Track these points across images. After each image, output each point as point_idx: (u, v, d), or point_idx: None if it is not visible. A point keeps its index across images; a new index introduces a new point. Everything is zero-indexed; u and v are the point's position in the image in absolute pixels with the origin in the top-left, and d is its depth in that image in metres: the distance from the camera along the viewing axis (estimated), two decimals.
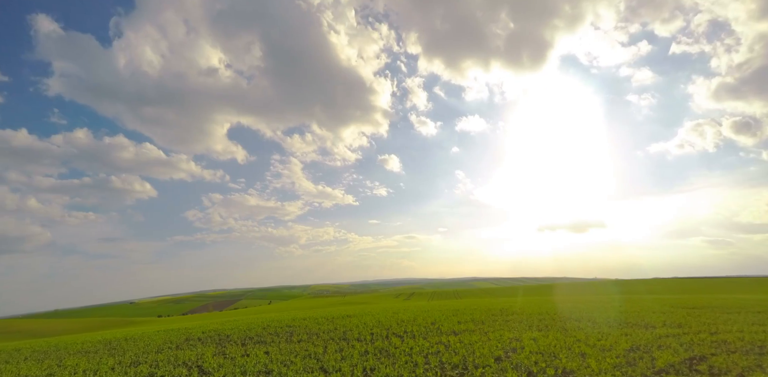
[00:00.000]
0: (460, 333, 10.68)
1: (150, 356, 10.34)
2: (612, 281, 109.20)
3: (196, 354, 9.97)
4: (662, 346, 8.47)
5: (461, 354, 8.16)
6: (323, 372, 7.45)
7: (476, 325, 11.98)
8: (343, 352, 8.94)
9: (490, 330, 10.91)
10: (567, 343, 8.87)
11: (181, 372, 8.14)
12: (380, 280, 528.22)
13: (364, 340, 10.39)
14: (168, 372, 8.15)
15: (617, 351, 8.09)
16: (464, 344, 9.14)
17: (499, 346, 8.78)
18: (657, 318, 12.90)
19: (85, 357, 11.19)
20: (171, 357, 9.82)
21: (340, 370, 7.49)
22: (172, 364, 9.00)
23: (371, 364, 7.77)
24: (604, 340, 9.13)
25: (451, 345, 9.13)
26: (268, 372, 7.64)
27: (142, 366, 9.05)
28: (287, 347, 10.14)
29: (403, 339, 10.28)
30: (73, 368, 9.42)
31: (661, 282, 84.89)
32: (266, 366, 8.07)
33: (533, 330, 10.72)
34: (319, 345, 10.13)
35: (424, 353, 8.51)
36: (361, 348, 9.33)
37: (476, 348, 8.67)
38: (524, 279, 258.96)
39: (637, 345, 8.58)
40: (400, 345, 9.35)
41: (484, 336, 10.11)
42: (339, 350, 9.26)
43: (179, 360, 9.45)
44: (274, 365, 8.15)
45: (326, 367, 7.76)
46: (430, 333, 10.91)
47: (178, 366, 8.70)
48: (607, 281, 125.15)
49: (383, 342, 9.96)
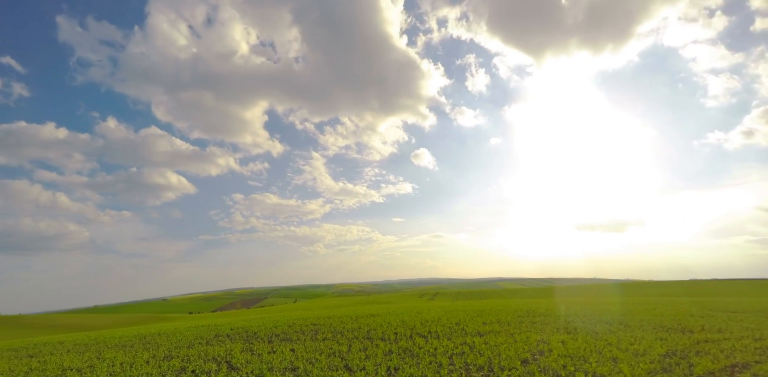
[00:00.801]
0: (486, 335, 10.52)
1: (182, 351, 10.74)
2: (646, 283, 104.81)
3: (225, 350, 10.28)
4: (701, 352, 8.05)
5: (487, 356, 8.03)
6: (348, 371, 7.50)
7: (502, 326, 11.77)
8: (367, 351, 8.98)
9: (517, 332, 10.70)
10: (597, 347, 8.58)
11: (211, 366, 8.40)
12: (404, 280, 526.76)
13: (388, 340, 10.40)
14: (199, 367, 8.43)
15: (652, 356, 7.76)
16: (490, 345, 8.99)
17: (525, 348, 8.59)
18: (695, 321, 12.28)
19: (122, 350, 11.75)
20: (201, 352, 10.17)
21: (364, 369, 7.53)
22: (203, 359, 9.31)
23: (395, 364, 7.77)
24: (637, 344, 8.77)
25: (476, 346, 9.01)
26: (294, 369, 7.77)
27: (175, 360, 9.42)
28: (312, 345, 10.29)
29: (427, 339, 10.22)
30: (111, 361, 9.92)
31: (699, 284, 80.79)
32: (292, 363, 8.22)
33: (561, 333, 10.43)
34: (344, 343, 10.22)
35: (448, 354, 8.44)
36: (385, 347, 9.34)
37: (502, 350, 8.51)
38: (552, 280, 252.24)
39: (673, 351, 8.20)
40: (424, 346, 9.30)
41: (510, 337, 9.92)
42: (363, 349, 9.31)
43: (209, 355, 9.77)
44: (299, 362, 8.28)
45: (351, 366, 7.81)
46: (454, 334, 10.80)
47: (208, 361, 8.99)
48: (641, 282, 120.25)
49: (407, 341, 9.94)
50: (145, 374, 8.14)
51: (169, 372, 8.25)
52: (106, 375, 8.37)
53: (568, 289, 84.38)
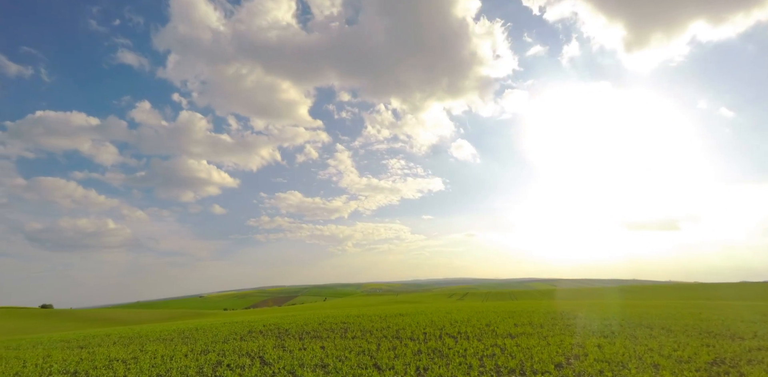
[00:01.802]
0: (517, 337, 10.27)
1: (218, 345, 11.17)
2: (690, 285, 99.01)
3: (258, 346, 10.60)
4: (753, 361, 7.51)
5: (518, 359, 7.85)
6: (377, 369, 7.54)
7: (534, 329, 11.46)
8: (396, 350, 8.99)
9: (550, 335, 10.38)
10: (637, 352, 8.18)
11: (245, 361, 8.68)
12: (432, 279, 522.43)
13: (417, 339, 10.37)
14: (233, 361, 8.73)
15: (697, 363, 7.31)
16: (521, 348, 8.78)
17: (559, 352, 8.32)
18: (746, 327, 11.47)
19: (163, 343, 12.37)
20: (236, 347, 10.54)
21: (393, 368, 7.54)
22: (237, 354, 9.64)
23: (424, 364, 7.73)
24: (681, 351, 8.30)
25: (508, 348, 8.82)
26: (324, 366, 7.90)
27: (211, 354, 9.81)
28: (342, 343, 10.41)
29: (457, 339, 10.11)
30: (153, 353, 10.48)
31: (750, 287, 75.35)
32: (322, 361, 8.35)
33: (597, 336, 10.03)
34: (373, 342, 10.28)
35: (478, 355, 8.31)
36: (414, 347, 9.32)
37: (534, 352, 8.29)
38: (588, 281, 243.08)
39: (721, 358, 7.69)
40: (453, 346, 9.20)
41: (542, 340, 9.64)
42: (392, 348, 9.32)
43: (243, 350, 10.10)
44: (329, 359, 8.41)
45: (380, 364, 7.85)
46: (484, 335, 10.62)
47: (242, 356, 9.30)
48: (684, 284, 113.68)
49: (436, 342, 9.87)
50: (184, 366, 8.52)
51: (206, 365, 8.59)
52: (149, 366, 8.83)
53: (605, 291, 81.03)
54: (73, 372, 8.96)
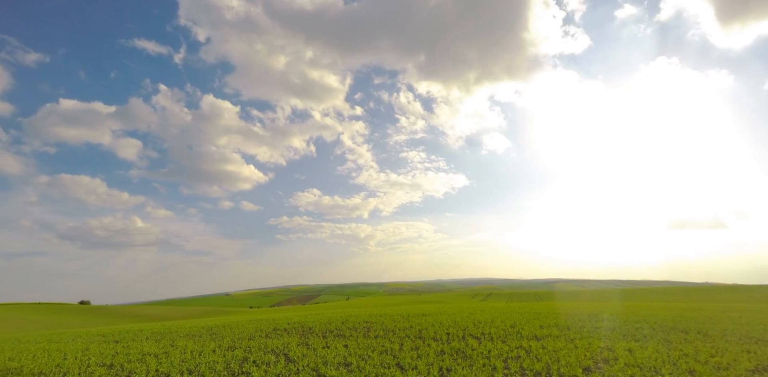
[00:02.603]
0: (543, 339, 10.05)
1: (244, 342, 11.46)
2: (728, 287, 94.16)
3: (282, 343, 10.81)
4: None
5: (544, 361, 7.67)
6: (399, 369, 7.54)
7: (560, 331, 11.17)
8: (419, 350, 8.96)
9: (577, 337, 10.09)
10: (671, 357, 7.85)
11: (270, 358, 8.87)
12: (455, 279, 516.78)
13: (440, 340, 10.30)
14: (259, 358, 8.93)
15: (737, 370, 6.94)
16: (547, 350, 8.58)
17: (587, 355, 8.08)
18: None
19: (192, 339, 12.80)
20: (261, 345, 10.78)
21: (416, 368, 7.52)
22: (263, 351, 9.86)
23: (447, 365, 7.68)
24: (719, 356, 7.90)
25: (533, 350, 8.63)
26: (348, 365, 7.96)
27: (238, 350, 10.08)
28: (365, 342, 10.47)
29: (481, 340, 9.98)
30: (183, 348, 10.87)
31: None
32: (345, 359, 8.42)
33: (628, 340, 9.68)
34: (395, 341, 10.28)
35: (503, 357, 8.17)
36: (437, 347, 9.26)
37: (561, 355, 8.08)
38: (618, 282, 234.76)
39: (763, 366, 7.27)
40: (477, 347, 9.09)
41: (570, 343, 9.39)
42: (415, 348, 9.30)
43: (268, 347, 10.32)
44: (352, 358, 8.47)
45: (402, 364, 7.84)
46: (509, 337, 10.44)
47: (267, 353, 9.50)
48: (723, 286, 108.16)
49: (460, 342, 9.77)
50: (212, 362, 8.78)
51: (233, 361, 8.83)
52: (179, 361, 9.16)
53: (636, 292, 78.10)
54: (110, 364, 9.39)
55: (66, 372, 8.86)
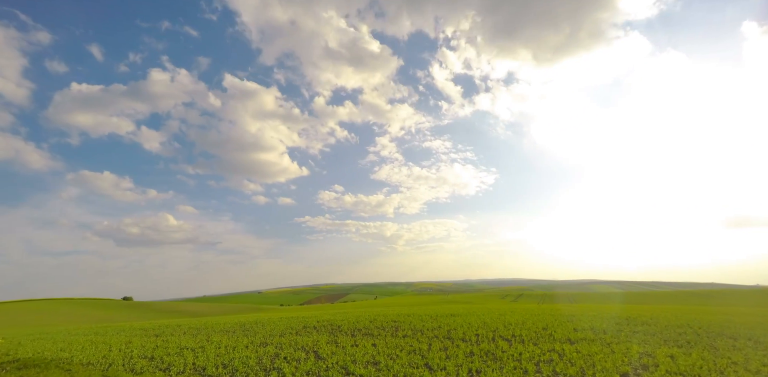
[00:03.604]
0: (577, 342, 9.71)
1: (275, 339, 11.76)
2: None
3: (312, 341, 11.00)
4: None
5: (578, 366, 7.42)
6: (428, 369, 7.50)
7: (596, 334, 10.76)
8: (448, 351, 8.88)
9: (614, 342, 9.68)
10: (718, 365, 7.39)
11: (300, 355, 9.05)
12: (484, 279, 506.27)
13: (469, 341, 10.17)
14: (290, 354, 9.13)
15: None
16: (582, 354, 8.28)
17: (625, 361, 7.74)
18: None
19: (226, 335, 13.26)
20: (292, 341, 11.02)
21: (444, 369, 7.46)
22: (293, 347, 10.08)
23: (477, 366, 7.57)
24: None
25: (566, 354, 8.36)
26: (376, 364, 8.00)
27: (269, 346, 10.35)
28: (393, 341, 10.49)
29: (511, 343, 9.77)
30: (217, 343, 11.29)
31: None
32: (374, 358, 8.47)
33: (670, 346, 9.18)
34: (424, 341, 10.24)
35: (534, 360, 7.97)
36: (466, 348, 9.15)
37: (596, 360, 7.78)
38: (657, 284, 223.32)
39: None
40: (507, 350, 8.91)
41: (606, 347, 9.02)
42: (443, 348, 9.23)
43: (298, 344, 10.54)
44: (381, 357, 8.51)
45: (431, 364, 7.80)
46: (541, 339, 10.16)
47: (297, 350, 9.70)
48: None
49: (489, 344, 9.61)
50: (245, 357, 9.06)
51: (264, 356, 9.08)
52: (214, 355, 9.52)
53: (678, 295, 74.06)
54: (150, 357, 9.89)
55: (111, 363, 9.40)
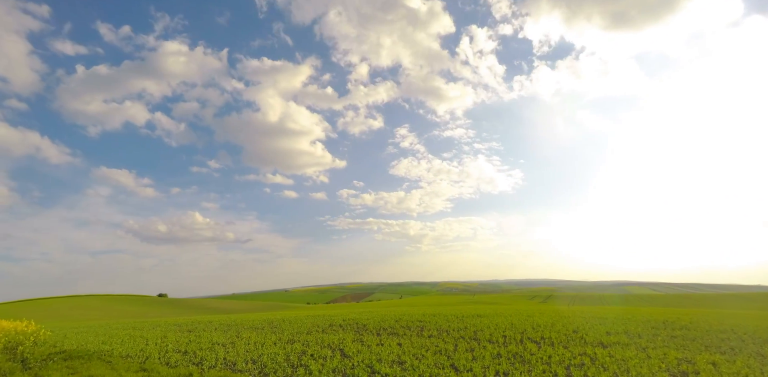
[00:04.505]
0: (610, 346, 9.36)
1: (302, 336, 11.97)
2: None
3: (338, 339, 11.12)
4: None
5: (612, 371, 7.15)
6: (454, 370, 7.43)
7: (631, 338, 10.34)
8: (474, 352, 8.76)
9: (650, 347, 9.28)
10: (765, 374, 6.94)
11: (327, 353, 9.16)
12: (512, 280, 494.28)
13: (496, 342, 10.00)
14: (316, 352, 9.27)
15: None
16: (615, 359, 7.98)
17: (662, 367, 7.40)
18: None
19: (255, 332, 13.61)
20: (318, 339, 11.18)
21: (471, 370, 7.36)
22: (319, 345, 10.22)
23: (504, 369, 7.43)
24: None
25: (599, 358, 8.08)
26: (402, 363, 8.00)
27: (296, 344, 10.54)
28: (418, 341, 10.45)
29: (540, 345, 9.53)
30: (247, 339, 11.60)
31: None
32: (399, 357, 8.46)
33: (712, 352, 8.69)
34: (450, 342, 10.15)
35: (564, 364, 7.74)
36: (492, 350, 9.00)
37: (631, 365, 7.48)
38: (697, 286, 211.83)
39: None
40: (536, 352, 8.70)
41: (641, 352, 8.66)
42: (470, 349, 9.11)
43: (325, 342, 10.68)
44: (406, 356, 8.49)
45: (457, 365, 7.72)
46: (571, 342, 9.86)
47: (324, 348, 9.83)
48: None
49: (517, 346, 9.41)
50: (273, 353, 9.27)
51: (292, 353, 9.25)
52: (244, 351, 9.79)
53: (720, 298, 70.10)
54: (184, 351, 10.28)
55: (148, 356, 9.83)
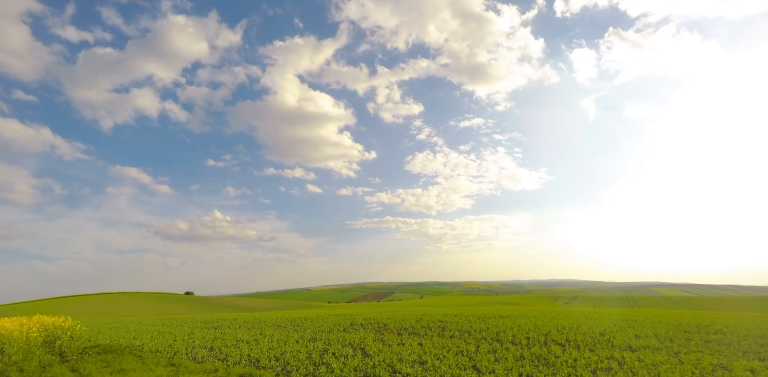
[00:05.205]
0: (639, 350, 9.04)
1: (323, 334, 12.10)
2: None
3: (359, 338, 11.18)
4: None
5: (641, 376, 6.91)
6: (476, 371, 7.35)
7: (661, 342, 9.96)
8: (497, 354, 8.64)
9: (682, 351, 8.90)
10: None
11: (348, 351, 9.22)
12: (535, 280, 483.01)
13: (519, 344, 9.82)
14: (338, 350, 9.34)
15: None
16: (645, 364, 7.70)
17: (696, 373, 7.08)
18: None
19: (278, 329, 13.84)
20: (339, 338, 11.27)
21: (493, 372, 7.26)
22: (341, 344, 10.30)
23: (528, 371, 7.29)
24: None
25: (627, 362, 7.82)
26: (423, 363, 7.96)
27: (318, 342, 10.67)
28: (439, 341, 10.38)
29: (565, 348, 9.31)
30: (270, 337, 11.83)
31: None
32: (420, 357, 8.43)
33: (750, 358, 8.26)
34: (471, 343, 10.04)
35: (591, 367, 7.53)
36: (516, 352, 8.85)
37: (662, 371, 7.20)
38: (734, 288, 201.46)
39: None
40: (561, 355, 8.49)
41: (673, 357, 8.32)
42: (492, 351, 8.99)
43: (346, 341, 10.75)
44: (427, 357, 8.45)
45: (479, 367, 7.63)
46: (598, 345, 9.58)
47: (345, 346, 9.90)
48: None
49: (541, 348, 9.22)
50: (296, 351, 9.40)
51: (314, 351, 9.36)
52: (267, 348, 9.97)
53: (761, 300, 66.52)
54: (210, 347, 10.56)
55: (176, 352, 10.15)
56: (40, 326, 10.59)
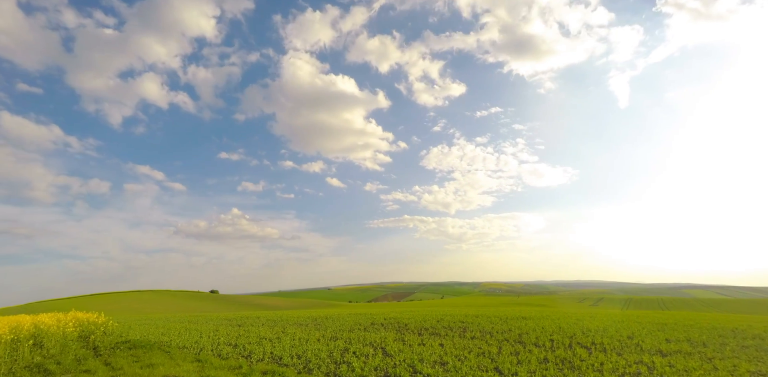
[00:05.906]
0: (670, 355, 8.71)
1: (344, 334, 12.18)
2: None
3: (380, 337, 11.20)
4: None
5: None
6: (498, 373, 7.24)
7: (693, 347, 9.55)
8: (519, 356, 8.49)
9: (717, 357, 8.51)
10: None
11: (369, 351, 9.25)
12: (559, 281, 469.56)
13: (543, 346, 9.62)
14: (359, 350, 9.39)
15: None
16: (676, 369, 7.40)
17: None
18: None
19: (300, 328, 14.04)
20: (360, 337, 11.32)
21: (516, 374, 7.14)
22: (361, 343, 10.35)
23: (552, 374, 7.13)
24: None
25: (657, 367, 7.53)
26: (444, 364, 7.90)
27: (339, 341, 10.75)
28: (461, 342, 10.28)
29: (591, 351, 9.05)
30: (292, 335, 12.00)
31: None
32: (441, 358, 8.38)
33: None
34: (493, 344, 9.90)
35: (619, 372, 7.30)
36: (539, 354, 8.67)
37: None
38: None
39: None
40: (586, 358, 8.27)
41: (707, 363, 7.97)
42: (515, 353, 8.84)
43: (366, 340, 10.79)
44: (448, 357, 8.38)
45: (501, 369, 7.51)
46: (626, 349, 9.28)
47: (366, 346, 9.94)
48: None
49: (566, 351, 9.00)
50: (317, 350, 9.50)
51: (335, 350, 9.44)
52: (289, 346, 10.12)
53: None
54: (234, 344, 10.80)
55: (202, 348, 10.43)
56: (75, 321, 11.07)
